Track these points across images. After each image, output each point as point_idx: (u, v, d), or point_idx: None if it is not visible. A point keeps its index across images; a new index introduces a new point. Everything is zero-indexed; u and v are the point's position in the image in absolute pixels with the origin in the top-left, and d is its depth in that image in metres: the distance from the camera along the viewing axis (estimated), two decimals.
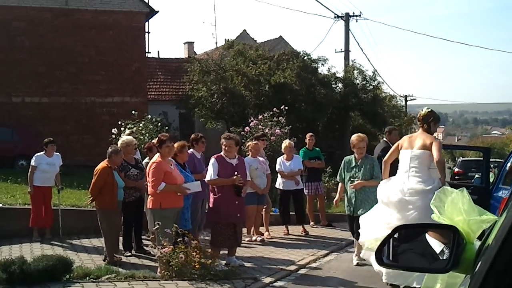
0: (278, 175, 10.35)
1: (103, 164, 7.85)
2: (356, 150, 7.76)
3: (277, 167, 10.28)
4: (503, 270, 1.10)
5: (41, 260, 6.60)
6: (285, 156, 10.32)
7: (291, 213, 10.66)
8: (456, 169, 25.42)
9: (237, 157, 7.76)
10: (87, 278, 6.73)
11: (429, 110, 6.58)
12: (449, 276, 2.06)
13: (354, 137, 7.82)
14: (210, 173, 7.52)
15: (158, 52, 45.34)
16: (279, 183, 10.33)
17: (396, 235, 2.10)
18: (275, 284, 7.06)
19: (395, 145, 6.78)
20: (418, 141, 6.36)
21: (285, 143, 10.44)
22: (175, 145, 7.75)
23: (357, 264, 7.79)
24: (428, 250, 2.07)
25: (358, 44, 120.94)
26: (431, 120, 6.46)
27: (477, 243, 1.91)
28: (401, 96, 45.57)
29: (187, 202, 7.61)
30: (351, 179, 7.73)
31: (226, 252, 7.84)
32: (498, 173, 8.84)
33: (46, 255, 7.02)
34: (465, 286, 1.34)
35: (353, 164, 7.80)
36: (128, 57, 21.31)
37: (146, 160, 8.49)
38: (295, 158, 10.36)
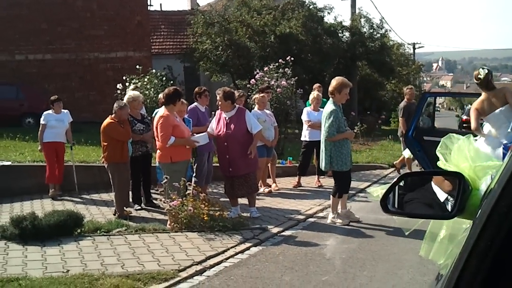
0: (304, 126, 10.34)
1: (108, 120, 7.86)
2: (344, 96, 7.42)
3: (304, 117, 10.27)
4: (505, 213, 1.09)
5: (52, 216, 6.72)
6: (312, 106, 10.31)
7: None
8: (465, 117, 25.23)
9: (234, 109, 7.66)
10: (98, 232, 6.86)
11: (486, 71, 6.80)
12: (454, 222, 2.06)
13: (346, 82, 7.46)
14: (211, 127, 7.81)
15: (161, 4, 44.73)
16: (305, 134, 10.32)
17: (401, 183, 2.09)
18: (283, 233, 7.16)
19: (476, 111, 6.85)
20: (501, 99, 6.65)
21: (313, 94, 10.38)
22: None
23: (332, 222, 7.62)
24: (433, 198, 2.06)
25: None
26: (491, 77, 6.82)
27: (483, 189, 1.90)
28: (409, 44, 44.91)
29: None
30: (346, 129, 7.47)
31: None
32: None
33: (57, 210, 7.14)
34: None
35: (341, 112, 7.46)
36: (130, 11, 21.00)
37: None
38: (321, 110, 10.36)
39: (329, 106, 7.38)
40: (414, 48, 46.61)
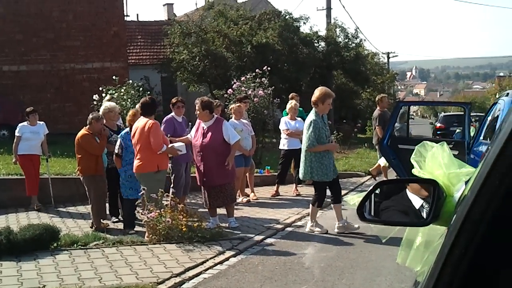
0: (282, 135, 10.38)
1: (83, 131, 7.80)
2: (327, 106, 7.38)
3: (282, 126, 10.32)
4: (478, 220, 1.11)
5: (27, 230, 6.61)
6: (289, 116, 10.38)
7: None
8: (438, 124, 25.65)
9: (212, 119, 7.67)
10: (75, 245, 6.77)
11: None
12: (430, 229, 2.09)
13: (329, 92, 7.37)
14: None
15: (137, 15, 44.56)
16: (283, 143, 10.38)
17: (377, 191, 2.11)
18: (262, 243, 7.16)
19: None
20: None
21: (291, 103, 10.46)
22: (129, 113, 7.85)
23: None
24: (409, 206, 2.09)
25: (340, 1, 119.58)
26: None
27: (457, 196, 1.93)
28: (384, 53, 45.44)
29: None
30: (328, 139, 7.47)
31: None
32: (478, 128, 8.93)
33: (32, 224, 7.01)
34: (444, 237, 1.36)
35: (324, 122, 7.44)
36: (106, 21, 20.85)
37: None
38: (298, 119, 10.44)
39: (311, 116, 7.35)
40: (388, 57, 47.20)
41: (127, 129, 7.73)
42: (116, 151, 7.62)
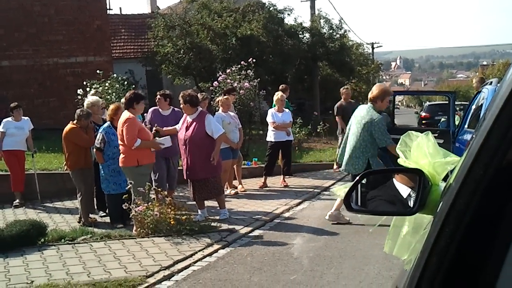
0: (269, 127, 10.38)
1: (70, 125, 7.75)
2: (386, 103, 7.20)
3: (269, 119, 10.32)
4: (463, 210, 1.13)
5: (14, 226, 6.58)
6: (276, 107, 10.39)
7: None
8: (423, 114, 25.80)
9: (196, 113, 7.68)
10: (63, 240, 6.75)
11: None
12: (416, 218, 2.11)
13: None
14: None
15: (120, 8, 44.35)
16: (270, 135, 10.38)
17: (364, 181, 2.14)
18: (251, 234, 7.20)
19: None
20: None
21: (277, 95, 10.46)
22: (110, 108, 7.75)
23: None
24: (396, 195, 2.12)
25: None
26: None
27: (442, 185, 1.96)
28: (368, 44, 45.57)
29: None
30: None
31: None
32: (463, 116, 9.02)
33: (19, 220, 6.98)
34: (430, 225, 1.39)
35: None
36: (89, 15, 20.62)
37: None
38: (285, 110, 10.44)
39: (372, 113, 6.82)
40: (372, 48, 47.37)
41: (108, 122, 7.65)
42: (97, 145, 7.52)
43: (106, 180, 7.58)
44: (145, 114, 8.71)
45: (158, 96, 8.57)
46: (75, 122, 7.73)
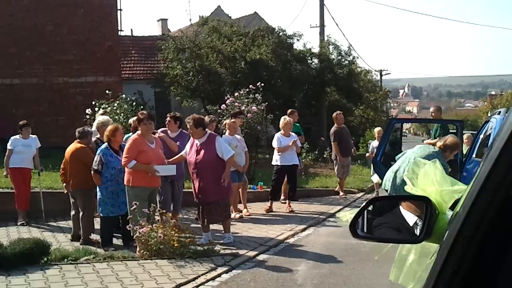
0: (275, 151, 10.35)
1: (76, 145, 7.78)
2: (451, 156, 6.93)
3: (275, 143, 10.27)
4: (470, 237, 1.12)
5: (17, 244, 6.55)
6: (283, 132, 10.34)
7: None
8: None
9: (205, 136, 7.65)
10: (65, 260, 6.71)
11: None
12: (423, 246, 2.09)
13: None
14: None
15: (131, 30, 44.73)
16: (276, 159, 10.33)
17: (370, 208, 2.12)
18: (254, 259, 7.13)
19: None
20: None
21: (285, 119, 10.39)
22: (107, 129, 7.66)
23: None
24: (402, 223, 2.10)
25: (333, 19, 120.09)
26: None
27: (449, 213, 1.94)
28: (376, 71, 45.75)
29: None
30: None
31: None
32: (471, 145, 8.97)
33: (22, 238, 6.95)
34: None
35: None
36: (100, 36, 20.89)
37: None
38: (292, 135, 10.40)
39: (441, 158, 6.21)
40: (381, 75, 47.53)
41: (106, 144, 7.54)
42: (95, 167, 7.37)
43: (103, 202, 7.44)
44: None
45: (168, 118, 8.59)
46: (80, 141, 7.77)
